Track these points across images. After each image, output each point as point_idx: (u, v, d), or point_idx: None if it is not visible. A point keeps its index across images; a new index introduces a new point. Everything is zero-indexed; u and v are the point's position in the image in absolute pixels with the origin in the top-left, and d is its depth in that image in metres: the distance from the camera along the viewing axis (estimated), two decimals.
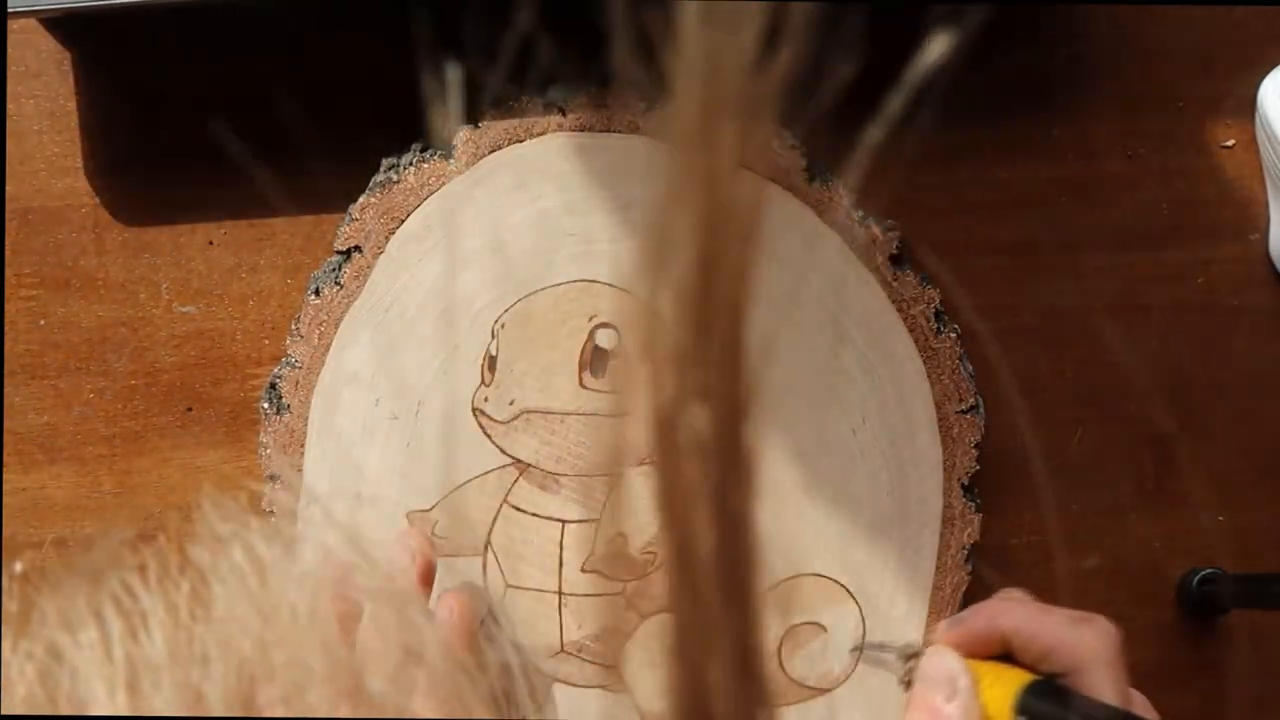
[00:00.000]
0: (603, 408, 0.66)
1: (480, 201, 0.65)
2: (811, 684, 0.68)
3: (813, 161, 0.65)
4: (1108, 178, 0.70)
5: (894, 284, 0.66)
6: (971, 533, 0.67)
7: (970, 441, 0.67)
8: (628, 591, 0.67)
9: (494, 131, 0.64)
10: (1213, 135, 0.71)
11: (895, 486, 0.67)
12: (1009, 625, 0.52)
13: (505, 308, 0.65)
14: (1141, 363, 0.71)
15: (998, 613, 0.53)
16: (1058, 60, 0.70)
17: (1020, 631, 0.52)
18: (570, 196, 0.65)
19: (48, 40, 0.68)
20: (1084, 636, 0.50)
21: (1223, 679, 0.73)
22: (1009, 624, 0.52)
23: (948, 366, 0.66)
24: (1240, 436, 0.72)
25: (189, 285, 0.69)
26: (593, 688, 0.68)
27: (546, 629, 0.67)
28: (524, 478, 0.66)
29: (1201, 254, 0.71)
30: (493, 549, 0.67)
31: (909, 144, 0.69)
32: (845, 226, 0.65)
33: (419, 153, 0.65)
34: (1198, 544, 0.72)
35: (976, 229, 0.70)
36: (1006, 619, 0.53)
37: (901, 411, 0.67)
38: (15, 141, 0.68)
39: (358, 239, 0.65)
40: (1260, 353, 0.71)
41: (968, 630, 0.54)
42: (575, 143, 0.64)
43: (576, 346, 0.66)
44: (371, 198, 0.65)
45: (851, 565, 0.68)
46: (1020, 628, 0.52)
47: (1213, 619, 0.72)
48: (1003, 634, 0.52)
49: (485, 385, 0.66)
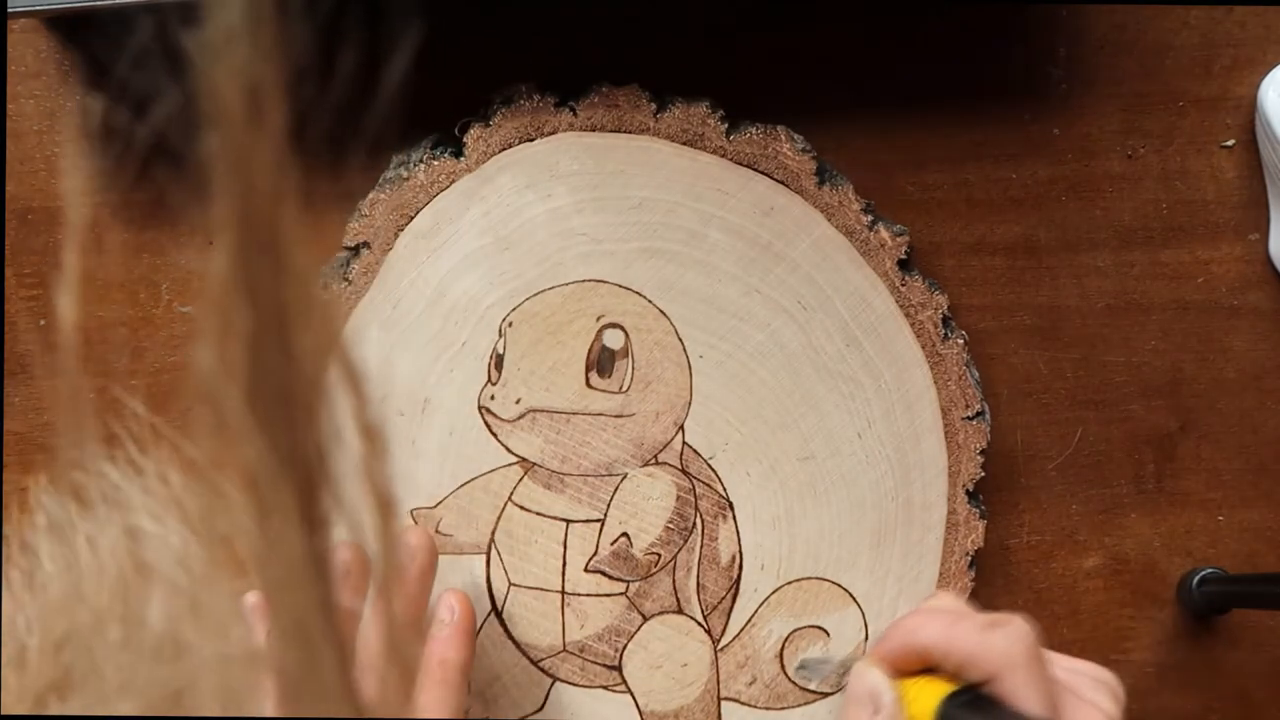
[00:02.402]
0: (610, 408, 0.66)
1: (489, 199, 0.64)
2: (813, 688, 0.68)
3: (822, 165, 0.65)
4: (1108, 178, 0.71)
5: (902, 289, 0.66)
6: (975, 539, 0.68)
7: (975, 448, 0.67)
8: (631, 592, 0.67)
9: (504, 130, 0.64)
10: (1213, 135, 0.71)
11: (900, 491, 0.67)
12: (925, 639, 0.52)
13: (513, 306, 0.65)
14: (1141, 362, 0.72)
15: (914, 627, 0.53)
16: (1058, 60, 0.70)
17: (936, 644, 0.52)
18: (580, 196, 0.65)
19: (48, 40, 0.68)
20: (997, 642, 0.50)
21: (1223, 679, 0.73)
22: (925, 638, 0.53)
23: (954, 372, 0.66)
24: (1240, 436, 0.72)
25: (189, 285, 0.69)
26: (594, 687, 0.68)
27: (549, 628, 0.67)
28: (529, 476, 0.66)
29: (1201, 254, 0.71)
30: (496, 547, 0.67)
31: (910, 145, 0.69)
32: (854, 230, 0.65)
33: (429, 150, 0.65)
34: (1198, 544, 0.73)
35: (976, 229, 0.70)
36: (922, 633, 0.53)
37: (908, 417, 0.67)
38: (15, 141, 0.68)
39: (366, 235, 0.64)
40: (1260, 353, 0.72)
41: (888, 647, 0.54)
42: (585, 142, 0.64)
43: (584, 346, 0.66)
44: (381, 194, 0.64)
45: (855, 569, 0.68)
46: (935, 640, 0.52)
47: (1213, 619, 0.73)
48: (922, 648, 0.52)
49: (492, 383, 0.66)
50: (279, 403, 0.23)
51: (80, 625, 0.28)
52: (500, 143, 0.64)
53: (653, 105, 0.64)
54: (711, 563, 0.67)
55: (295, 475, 0.23)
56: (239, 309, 0.22)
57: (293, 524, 0.24)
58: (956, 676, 0.51)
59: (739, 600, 0.67)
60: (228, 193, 0.22)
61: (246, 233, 0.22)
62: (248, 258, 0.22)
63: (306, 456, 0.24)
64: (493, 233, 0.65)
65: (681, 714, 0.67)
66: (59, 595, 0.28)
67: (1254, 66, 0.70)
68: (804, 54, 0.69)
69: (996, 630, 0.50)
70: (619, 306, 0.66)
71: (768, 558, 0.67)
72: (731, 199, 0.65)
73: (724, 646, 0.68)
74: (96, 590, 0.28)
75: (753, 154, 0.65)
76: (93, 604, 0.28)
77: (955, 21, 0.69)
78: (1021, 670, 0.49)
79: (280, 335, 0.23)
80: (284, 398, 0.23)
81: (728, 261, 0.65)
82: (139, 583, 0.28)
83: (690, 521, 0.67)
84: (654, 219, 0.65)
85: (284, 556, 0.24)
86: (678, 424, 0.66)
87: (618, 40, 0.68)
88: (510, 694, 0.67)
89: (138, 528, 0.29)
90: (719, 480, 0.67)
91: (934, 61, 0.69)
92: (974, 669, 0.50)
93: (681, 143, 0.64)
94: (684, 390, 0.66)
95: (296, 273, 0.23)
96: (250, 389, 0.23)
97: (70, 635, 0.28)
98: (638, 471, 0.66)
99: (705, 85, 0.65)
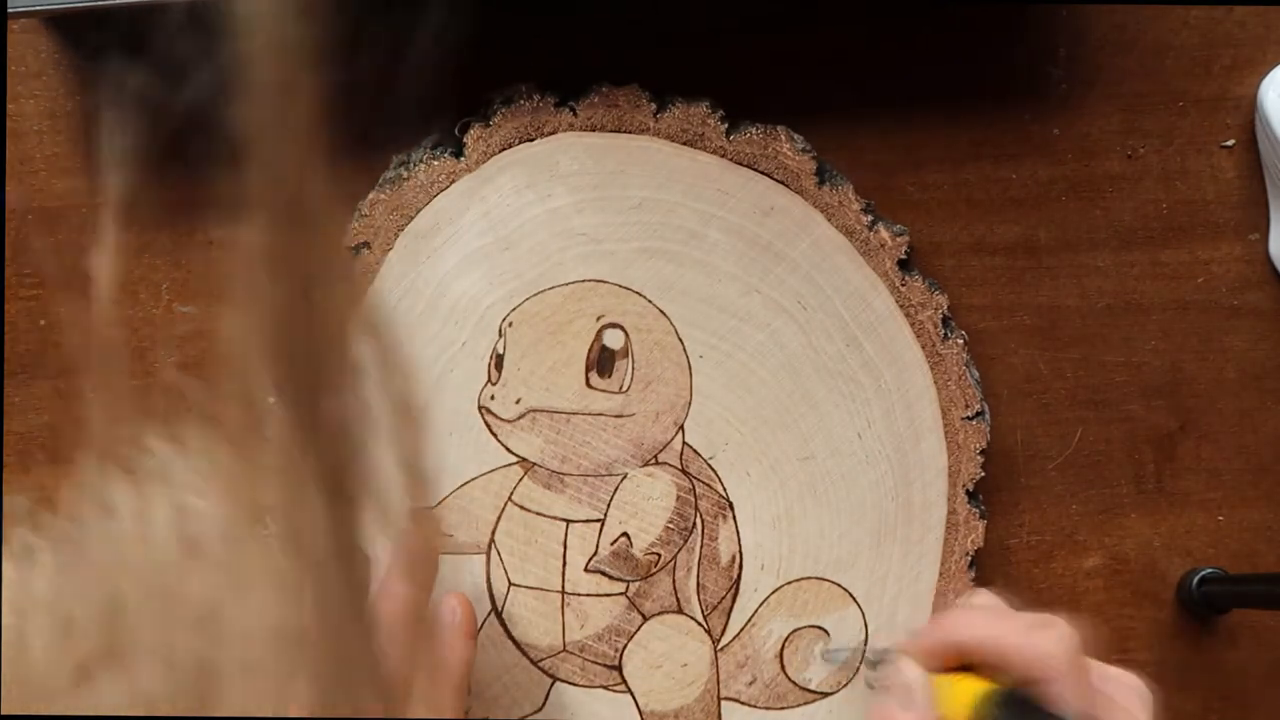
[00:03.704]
0: (610, 408, 0.66)
1: (489, 199, 0.64)
2: (814, 688, 0.68)
3: (822, 165, 0.65)
4: (1108, 178, 0.71)
5: (902, 289, 0.66)
6: (975, 539, 0.68)
7: (975, 448, 0.67)
8: (631, 592, 0.67)
9: (504, 130, 0.64)
10: (1213, 135, 0.71)
11: (900, 491, 0.67)
12: (967, 636, 0.52)
13: (513, 306, 0.65)
14: (1141, 362, 0.72)
15: (956, 624, 0.53)
16: (1058, 60, 0.70)
17: (979, 642, 0.52)
18: (580, 196, 0.65)
19: (48, 40, 0.67)
20: (1039, 644, 0.49)
21: (1223, 679, 0.73)
22: (967, 635, 0.52)
23: (954, 372, 0.66)
24: (1240, 436, 0.72)
25: (189, 285, 0.69)
26: (594, 687, 0.68)
27: (549, 628, 0.67)
28: (529, 476, 0.66)
29: (1201, 254, 0.71)
30: (496, 547, 0.67)
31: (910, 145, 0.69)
32: (854, 230, 0.65)
33: (429, 150, 0.65)
34: (1198, 544, 0.73)
35: (976, 229, 0.70)
36: (964, 631, 0.52)
37: (908, 417, 0.67)
38: (15, 141, 0.68)
39: (366, 235, 0.64)
40: (1260, 353, 0.72)
41: (927, 642, 0.54)
42: (585, 142, 0.64)
43: (584, 346, 0.66)
44: (381, 194, 0.64)
45: (855, 569, 0.68)
46: (980, 637, 0.52)
47: (1213, 619, 0.72)
48: (964, 644, 0.52)
49: (492, 383, 0.66)
50: (307, 373, 0.23)
51: (125, 596, 0.28)
52: (500, 143, 0.64)
53: (653, 105, 0.64)
54: (711, 563, 0.67)
55: (323, 447, 0.23)
56: (268, 279, 0.22)
57: (321, 496, 0.24)
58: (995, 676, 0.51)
59: (739, 600, 0.67)
60: (260, 163, 0.22)
61: (277, 203, 0.22)
62: (278, 228, 0.22)
63: (335, 427, 0.24)
64: (493, 233, 0.65)
65: (681, 714, 0.67)
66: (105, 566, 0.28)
67: (1254, 66, 0.70)
68: (804, 54, 0.69)
69: (1041, 632, 0.50)
70: (619, 306, 0.66)
71: (768, 558, 0.67)
72: (731, 199, 0.65)
73: (724, 646, 0.68)
74: (141, 563, 0.28)
75: (753, 154, 0.65)
76: (137, 576, 0.28)
77: (955, 21, 0.69)
78: (1064, 672, 0.48)
79: (308, 306, 0.23)
80: (312, 368, 0.23)
81: (728, 261, 0.65)
82: (182, 556, 0.28)
83: (690, 521, 0.67)
84: (654, 219, 0.65)
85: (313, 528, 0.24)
86: (678, 424, 0.66)
87: (618, 41, 0.68)
88: (510, 694, 0.67)
89: (183, 501, 0.29)
90: (719, 480, 0.67)
91: (934, 62, 0.69)
92: (1015, 669, 0.50)
93: (681, 143, 0.64)
94: (684, 390, 0.66)
95: (325, 244, 0.23)
96: (278, 359, 0.23)
97: (115, 606, 0.28)
98: (638, 471, 0.66)
99: (705, 85, 0.65)
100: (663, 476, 0.67)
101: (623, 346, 0.66)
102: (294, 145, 0.22)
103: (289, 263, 0.22)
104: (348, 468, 0.24)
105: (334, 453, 0.24)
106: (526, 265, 0.65)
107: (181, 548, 0.29)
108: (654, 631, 0.67)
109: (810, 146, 0.65)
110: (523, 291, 0.65)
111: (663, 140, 0.64)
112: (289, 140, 0.22)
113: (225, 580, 0.28)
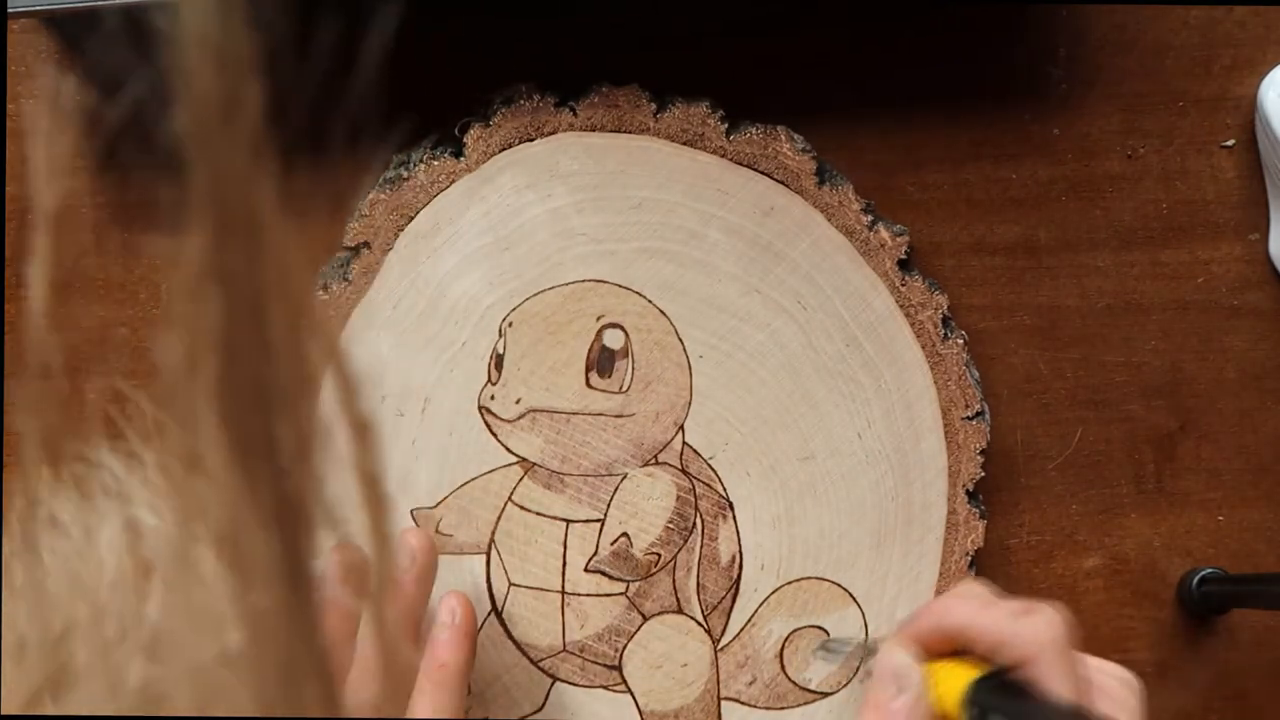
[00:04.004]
0: (610, 408, 0.66)
1: (489, 199, 0.64)
2: (814, 687, 0.68)
3: (822, 165, 0.65)
4: (1108, 178, 0.71)
5: (902, 289, 0.66)
6: (975, 539, 0.68)
7: (975, 448, 0.67)
8: (631, 592, 0.67)
9: (504, 130, 0.64)
10: (1213, 135, 0.71)
11: (900, 491, 0.67)
12: (957, 621, 0.53)
13: (513, 306, 0.65)
14: (1141, 362, 0.72)
15: (946, 610, 0.53)
16: (1058, 60, 0.70)
17: (968, 627, 0.52)
18: (580, 196, 0.65)
19: (48, 40, 0.68)
20: (1028, 627, 0.50)
21: (1223, 679, 0.73)
22: (957, 620, 0.53)
23: (954, 372, 0.66)
24: (1240, 436, 0.72)
25: None
26: (594, 687, 0.68)
27: (549, 628, 0.67)
28: (529, 476, 0.66)
29: (1201, 254, 0.71)
30: (496, 547, 0.67)
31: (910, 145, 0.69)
32: (854, 230, 0.65)
33: (429, 150, 0.65)
34: (1198, 544, 0.73)
35: (976, 229, 0.70)
36: (954, 615, 0.53)
37: (908, 417, 0.67)
38: (15, 141, 0.68)
39: (366, 235, 0.64)
40: (1260, 353, 0.72)
41: (918, 628, 0.54)
42: (585, 142, 0.64)
43: (584, 346, 0.66)
44: (381, 194, 0.64)
45: (855, 569, 0.68)
46: (968, 623, 0.52)
47: (1213, 619, 0.72)
48: (953, 630, 0.53)
49: (492, 383, 0.66)
50: (253, 398, 0.22)
51: (78, 620, 0.27)
52: (500, 143, 0.64)
53: (653, 105, 0.64)
54: (711, 563, 0.67)
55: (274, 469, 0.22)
56: (211, 297, 0.21)
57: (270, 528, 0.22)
58: (985, 660, 0.51)
59: (739, 600, 0.67)
60: (199, 172, 0.21)
61: (219, 214, 0.21)
62: (221, 241, 0.21)
63: (286, 455, 0.23)
64: (493, 233, 0.65)
65: (681, 714, 0.67)
66: (58, 588, 0.28)
67: (1254, 66, 0.70)
68: (804, 54, 0.69)
69: (1029, 616, 0.50)
70: (619, 306, 0.66)
71: (768, 558, 0.67)
72: (731, 199, 0.65)
73: (724, 646, 0.68)
74: (95, 584, 0.28)
75: (753, 154, 0.65)
76: (91, 598, 0.27)
77: (955, 21, 0.69)
78: (1053, 657, 0.49)
79: (256, 325, 0.22)
80: (259, 392, 0.22)
81: (728, 261, 0.65)
82: (137, 577, 0.28)
83: (690, 521, 0.67)
84: (654, 219, 0.65)
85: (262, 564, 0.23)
86: (678, 424, 0.66)
87: (618, 41, 0.68)
88: (510, 694, 0.67)
89: (137, 520, 0.29)
90: (719, 480, 0.67)
91: (934, 61, 0.69)
92: (1007, 653, 0.50)
93: (681, 143, 0.64)
94: (684, 390, 0.66)
95: (273, 258, 0.22)
96: (221, 384, 0.22)
97: (69, 630, 0.27)
98: (638, 471, 0.66)
99: (705, 85, 0.65)
100: (663, 476, 0.67)
101: (623, 346, 0.66)
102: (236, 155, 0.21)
103: (234, 278, 0.21)
104: (301, 490, 0.23)
105: (286, 475, 0.22)
106: (526, 265, 0.65)
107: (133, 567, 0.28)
108: (654, 631, 0.67)
109: (810, 146, 0.65)
110: (523, 291, 0.65)
111: (663, 140, 0.64)
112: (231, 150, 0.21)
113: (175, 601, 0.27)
